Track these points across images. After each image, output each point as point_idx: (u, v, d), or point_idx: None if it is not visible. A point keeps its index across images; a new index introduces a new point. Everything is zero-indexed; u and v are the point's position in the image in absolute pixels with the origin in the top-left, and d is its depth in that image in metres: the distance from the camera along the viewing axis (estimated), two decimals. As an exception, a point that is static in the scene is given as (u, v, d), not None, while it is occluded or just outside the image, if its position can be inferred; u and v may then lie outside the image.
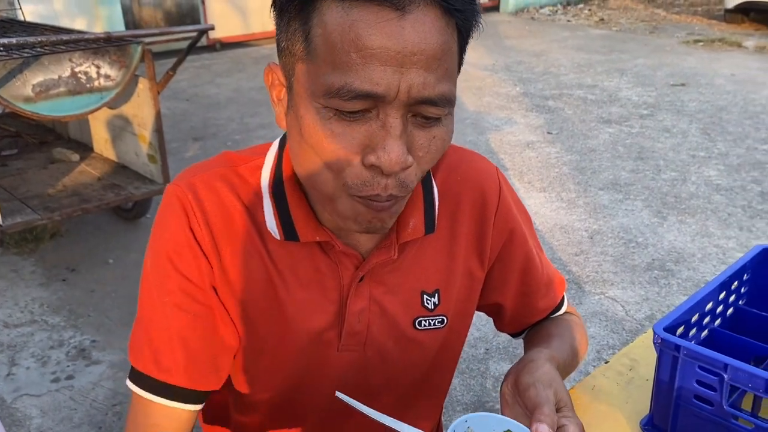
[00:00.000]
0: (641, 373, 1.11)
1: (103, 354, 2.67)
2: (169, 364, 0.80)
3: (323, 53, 0.64)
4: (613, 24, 9.71)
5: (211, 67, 7.24)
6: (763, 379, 0.83)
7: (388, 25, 0.62)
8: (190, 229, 0.79)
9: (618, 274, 3.16)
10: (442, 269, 0.89)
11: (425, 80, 0.64)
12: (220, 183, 0.81)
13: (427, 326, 0.90)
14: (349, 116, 0.65)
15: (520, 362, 0.80)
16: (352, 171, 0.68)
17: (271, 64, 0.75)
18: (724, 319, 1.09)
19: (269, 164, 0.83)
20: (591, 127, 5.22)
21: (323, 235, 0.80)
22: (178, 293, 0.79)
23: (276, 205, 0.81)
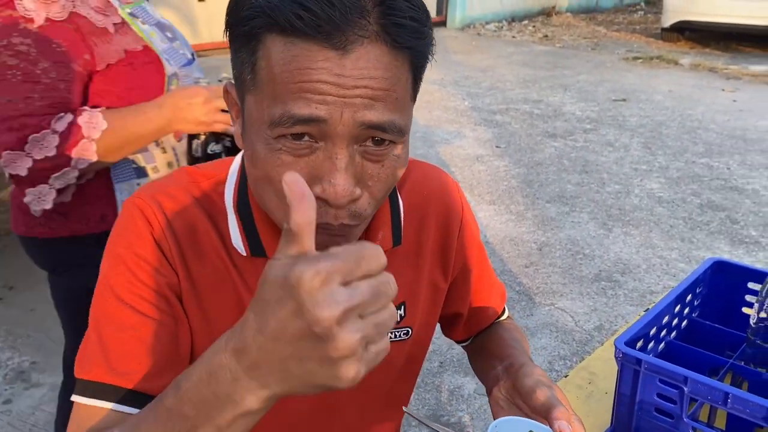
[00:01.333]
0: (600, 387, 1.13)
1: (43, 376, 2.56)
2: (126, 369, 0.76)
3: (266, 86, 0.65)
4: (557, 41, 9.97)
5: (157, 77, 7.09)
6: (721, 391, 0.84)
7: (328, 62, 0.62)
8: (154, 239, 0.76)
9: (567, 285, 3.22)
10: (408, 282, 0.90)
11: (372, 107, 0.64)
12: (184, 196, 0.79)
13: (392, 338, 0.89)
14: (296, 146, 0.65)
15: (509, 369, 0.82)
16: None
17: (227, 85, 0.75)
18: (680, 331, 1.11)
19: (233, 180, 0.81)
20: (537, 141, 5.33)
21: None
22: (138, 300, 0.76)
23: (241, 221, 0.79)
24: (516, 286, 3.22)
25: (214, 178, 0.82)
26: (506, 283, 3.24)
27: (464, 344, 1.09)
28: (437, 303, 0.96)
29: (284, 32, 0.62)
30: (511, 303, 3.07)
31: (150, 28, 1.42)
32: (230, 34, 0.69)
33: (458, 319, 1.03)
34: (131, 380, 0.75)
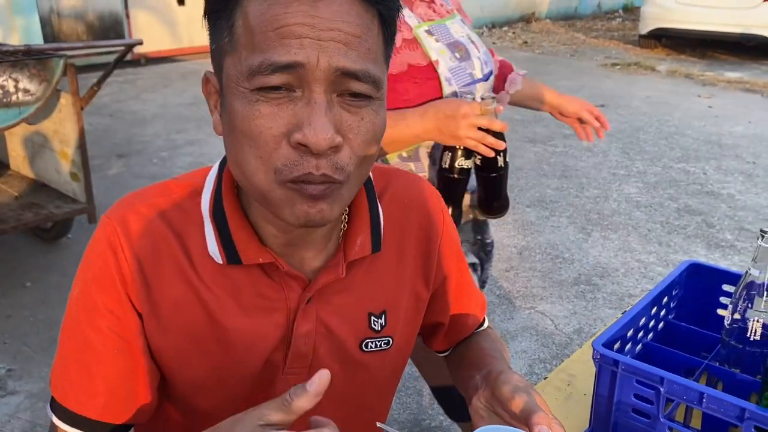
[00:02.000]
0: (579, 388, 1.14)
1: (20, 383, 2.52)
2: (86, 398, 0.79)
3: (244, 40, 0.66)
4: (536, 47, 10.06)
5: (136, 81, 7.04)
6: (697, 391, 0.86)
7: (303, 5, 0.64)
8: (117, 265, 0.78)
9: (546, 289, 3.25)
10: (389, 290, 0.89)
11: (346, 54, 0.65)
12: (151, 213, 0.79)
13: (373, 348, 0.89)
14: (274, 95, 0.66)
15: (487, 377, 0.82)
16: (281, 152, 0.67)
17: (207, 73, 0.76)
18: (656, 332, 1.13)
19: (209, 188, 0.81)
20: (517, 146, 5.37)
21: (266, 256, 0.79)
22: (101, 327, 0.78)
23: (217, 229, 0.79)
24: (496, 290, 3.24)
25: (191, 187, 0.82)
26: (486, 288, 3.26)
27: (444, 354, 1.08)
28: (419, 313, 0.95)
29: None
30: (492, 307, 3.09)
31: (441, 47, 1.45)
32: (208, 9, 0.70)
33: (438, 329, 1.03)
34: (90, 409, 0.79)
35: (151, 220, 0.79)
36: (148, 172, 4.63)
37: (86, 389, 0.79)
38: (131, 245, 0.78)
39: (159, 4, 7.87)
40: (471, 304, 1.03)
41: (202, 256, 0.79)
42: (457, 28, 1.52)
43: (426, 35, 1.44)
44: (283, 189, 0.68)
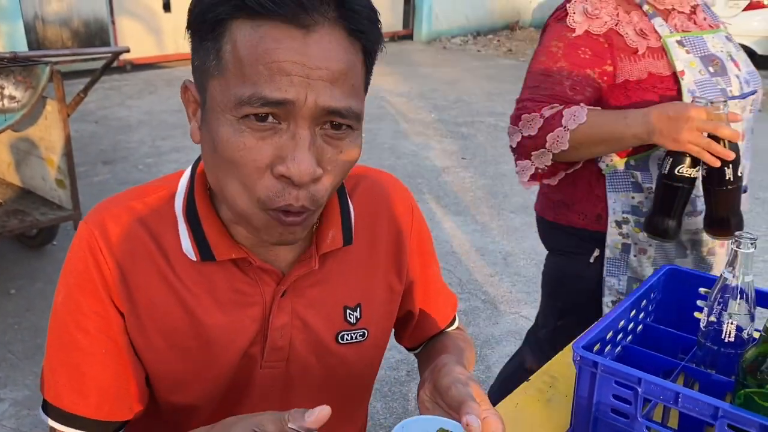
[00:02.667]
0: (561, 390, 1.17)
1: (4, 391, 2.51)
2: (79, 398, 0.82)
3: (233, 67, 0.68)
4: (521, 54, 10.15)
5: (122, 88, 7.02)
6: (673, 391, 0.89)
7: (294, 41, 0.67)
8: (97, 268, 0.81)
9: (531, 294, 3.29)
10: (363, 284, 0.93)
11: (331, 93, 0.69)
12: (128, 217, 0.83)
13: (349, 340, 0.92)
14: (260, 127, 0.69)
15: (433, 369, 0.84)
16: (264, 183, 0.70)
17: (186, 82, 0.78)
18: (635, 335, 1.16)
19: (182, 190, 0.85)
20: (502, 153, 5.42)
21: (239, 252, 0.82)
22: (87, 329, 0.81)
23: (190, 227, 0.82)
24: (482, 295, 3.28)
25: (165, 190, 0.85)
26: (471, 293, 3.30)
27: (415, 352, 1.12)
28: (393, 304, 0.98)
29: (252, 15, 0.67)
30: (477, 312, 3.12)
31: (692, 58, 1.43)
32: (193, 26, 0.72)
33: (408, 324, 1.06)
34: (81, 407, 0.82)
35: (128, 223, 0.82)
36: (133, 179, 4.63)
37: (78, 389, 0.82)
38: (110, 248, 0.81)
39: (144, 11, 7.86)
40: (439, 302, 1.06)
41: (177, 256, 0.82)
42: (717, 43, 1.49)
43: (675, 45, 1.43)
44: (264, 215, 0.73)
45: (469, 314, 3.10)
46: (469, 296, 3.26)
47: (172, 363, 0.84)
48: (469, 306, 3.17)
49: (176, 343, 0.84)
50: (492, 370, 2.71)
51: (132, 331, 0.83)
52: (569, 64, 1.45)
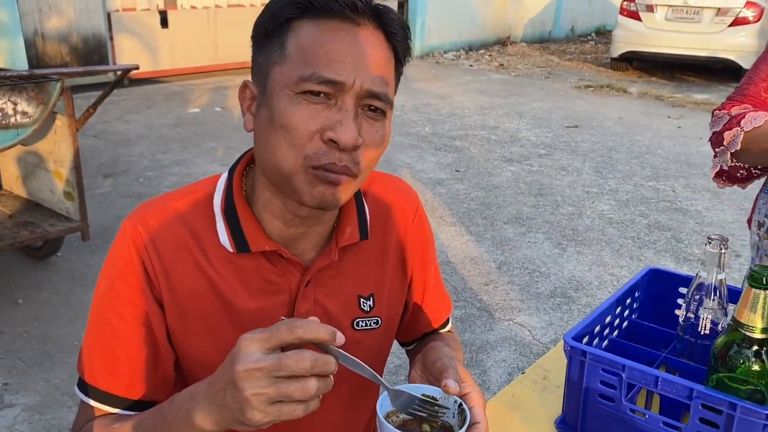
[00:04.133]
0: (553, 381, 1.27)
1: (16, 397, 2.59)
2: (112, 377, 0.92)
3: (296, 55, 0.83)
4: (512, 69, 10.31)
5: (120, 103, 7.12)
6: (652, 375, 0.99)
7: (348, 34, 0.83)
8: (140, 261, 0.91)
9: (524, 302, 3.39)
10: (375, 275, 1.04)
11: (373, 77, 0.84)
12: (168, 214, 0.93)
13: (364, 327, 1.03)
14: (314, 100, 0.82)
15: (423, 351, 0.95)
16: (313, 144, 0.83)
17: (246, 81, 0.91)
18: (621, 330, 1.27)
19: (220, 190, 0.96)
20: (495, 165, 5.55)
21: (271, 245, 0.93)
22: (125, 316, 0.91)
23: (227, 222, 0.93)
24: (477, 302, 3.38)
25: (202, 191, 0.96)
26: (467, 300, 3.40)
27: (407, 348, 1.21)
28: (402, 295, 1.09)
29: (314, 16, 0.83)
30: (472, 319, 3.22)
31: None
32: (260, 28, 0.87)
33: (403, 317, 1.14)
34: (117, 387, 0.92)
35: (168, 220, 0.93)
36: (134, 192, 4.72)
37: (112, 370, 0.92)
38: (153, 242, 0.91)
39: (142, 28, 7.97)
40: (435, 301, 1.16)
41: (214, 248, 0.93)
42: None
43: None
44: (308, 173, 0.84)
45: (465, 321, 3.20)
46: (465, 304, 3.36)
47: (209, 346, 0.94)
48: (465, 313, 3.27)
49: (212, 328, 0.94)
50: (488, 374, 2.81)
51: (173, 319, 0.93)
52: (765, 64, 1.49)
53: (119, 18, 7.76)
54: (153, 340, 0.92)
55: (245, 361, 0.70)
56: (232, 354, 0.73)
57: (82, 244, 3.67)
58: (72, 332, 3.01)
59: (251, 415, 0.70)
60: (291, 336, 0.71)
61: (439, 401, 0.85)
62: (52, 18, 7.19)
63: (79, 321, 3.09)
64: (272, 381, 0.69)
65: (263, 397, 0.70)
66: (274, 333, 0.71)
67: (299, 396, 0.70)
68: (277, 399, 0.70)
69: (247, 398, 0.70)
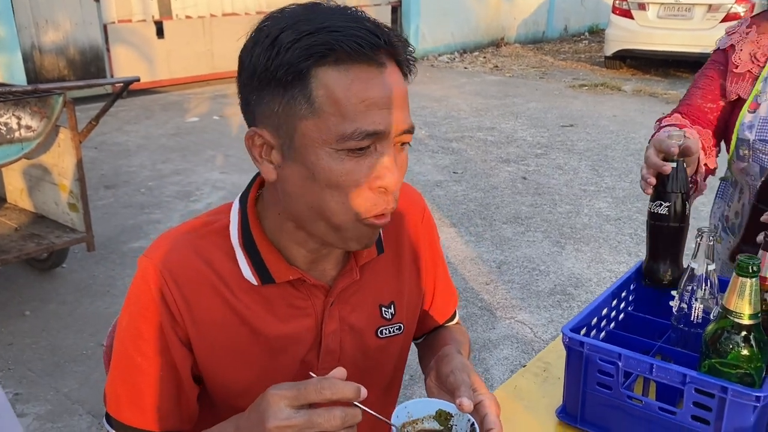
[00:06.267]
0: (554, 374, 1.32)
1: (27, 406, 2.63)
2: (137, 412, 0.94)
3: (329, 108, 0.80)
4: (507, 70, 10.37)
5: (118, 114, 7.16)
6: (647, 363, 1.04)
7: (377, 79, 0.82)
8: (161, 298, 0.91)
9: (525, 300, 3.44)
10: (393, 283, 1.07)
11: (404, 116, 0.85)
12: (186, 250, 0.93)
13: (388, 334, 1.07)
14: (357, 153, 0.83)
15: (437, 359, 0.98)
16: (364, 196, 0.85)
17: (254, 130, 0.87)
18: (617, 322, 1.31)
19: (235, 221, 0.96)
20: (492, 166, 5.60)
21: (295, 273, 0.95)
22: (147, 353, 0.93)
23: (249, 256, 0.94)
24: (478, 302, 3.43)
25: (217, 223, 0.97)
26: (469, 300, 3.44)
27: (417, 341, 1.25)
28: (419, 298, 1.13)
29: (338, 62, 0.80)
30: (474, 318, 3.27)
31: None
32: (269, 74, 0.81)
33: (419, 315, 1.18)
34: (143, 422, 0.94)
35: (187, 255, 0.93)
36: (136, 202, 4.76)
37: (137, 405, 0.94)
38: (174, 279, 0.91)
39: (138, 39, 8.03)
40: (444, 297, 1.20)
41: (237, 280, 0.95)
42: None
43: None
44: (359, 225, 0.87)
45: (467, 320, 3.25)
46: (467, 303, 3.41)
47: (239, 373, 0.97)
48: (467, 312, 3.32)
49: (242, 355, 0.96)
50: (491, 372, 2.86)
51: (202, 353, 0.95)
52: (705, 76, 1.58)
53: (115, 29, 7.82)
54: (176, 375, 0.94)
55: (276, 418, 0.74)
56: (261, 408, 0.76)
57: (87, 255, 3.72)
58: (80, 342, 3.05)
59: None
60: (319, 397, 0.75)
61: (453, 417, 0.89)
62: (49, 31, 7.24)
63: (86, 331, 3.13)
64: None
65: None
66: (302, 392, 0.75)
67: None
68: None
69: None
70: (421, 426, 0.89)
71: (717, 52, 1.58)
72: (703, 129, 1.57)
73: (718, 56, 1.57)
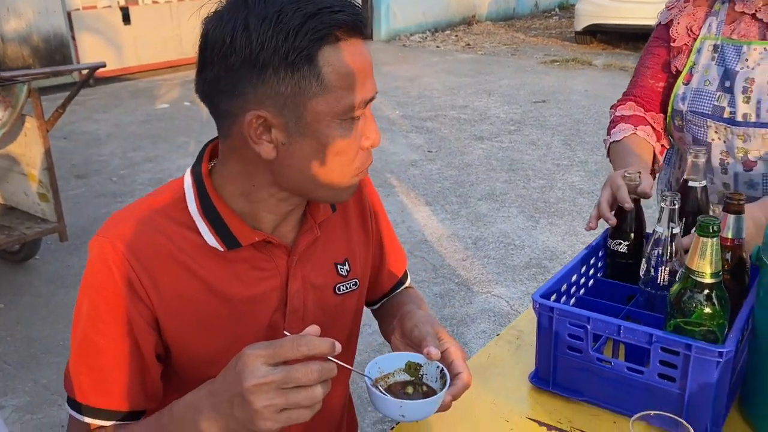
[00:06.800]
0: (527, 341, 1.34)
1: (5, 399, 2.61)
2: (102, 394, 0.93)
3: (337, 83, 0.86)
4: (479, 48, 10.38)
5: (87, 102, 7.05)
6: (615, 325, 1.07)
7: (364, 50, 0.90)
8: (122, 276, 0.91)
9: (501, 274, 3.48)
10: (345, 241, 1.11)
11: (374, 81, 0.93)
12: (143, 226, 0.93)
13: (345, 290, 1.10)
14: (355, 120, 0.90)
15: (399, 317, 1.03)
16: (360, 156, 0.93)
17: (256, 113, 0.86)
18: (587, 289, 1.34)
19: (191, 193, 0.97)
20: (466, 144, 5.62)
21: (260, 235, 0.97)
22: (108, 333, 0.92)
23: (210, 223, 0.95)
24: (455, 278, 3.46)
25: (170, 198, 0.97)
26: (446, 276, 3.48)
27: (373, 308, 1.28)
28: (368, 255, 1.16)
29: (339, 40, 0.86)
30: (451, 294, 3.30)
31: (710, 66, 1.47)
32: (279, 63, 0.83)
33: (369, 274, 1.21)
34: (108, 402, 0.94)
35: (146, 232, 0.93)
36: (108, 191, 4.71)
37: (103, 387, 0.93)
38: (134, 255, 0.91)
39: (104, 25, 7.87)
40: (394, 255, 1.24)
41: (200, 250, 0.95)
42: (760, 58, 1.41)
43: (707, 49, 1.47)
44: (355, 180, 0.95)
45: (445, 296, 3.28)
46: (444, 280, 3.44)
47: (208, 342, 0.97)
48: (444, 289, 3.35)
49: (210, 325, 0.97)
50: (469, 346, 2.89)
51: (169, 328, 0.95)
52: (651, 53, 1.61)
53: (80, 16, 7.66)
54: (139, 353, 0.94)
55: (253, 377, 0.75)
56: (237, 368, 0.78)
57: (60, 246, 3.67)
58: (56, 333, 3.03)
59: (262, 425, 0.77)
60: (296, 354, 0.77)
61: (423, 366, 0.93)
62: (11, 20, 7.07)
63: (62, 322, 3.10)
64: (281, 392, 0.76)
65: (273, 408, 0.76)
66: (278, 350, 0.77)
67: (307, 403, 0.77)
68: (286, 407, 0.76)
69: (257, 410, 0.76)
70: (393, 379, 0.92)
71: (659, 28, 1.60)
72: (657, 114, 1.62)
73: (661, 32, 1.59)
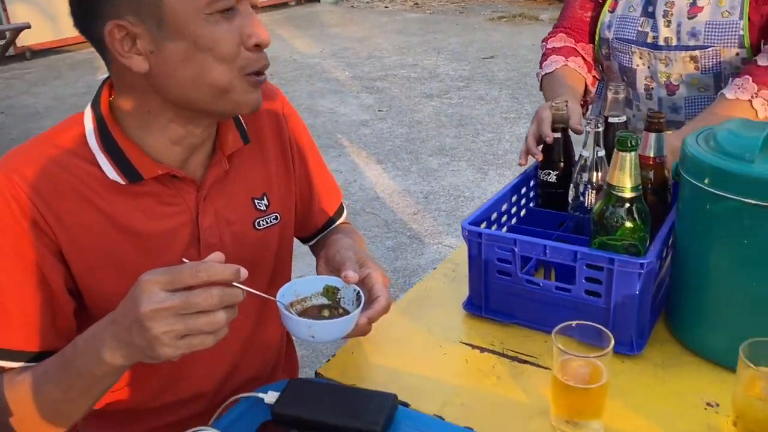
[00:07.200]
0: (461, 273, 1.35)
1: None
2: (6, 333, 0.89)
3: None
4: (427, 7, 10.29)
5: (24, 76, 6.79)
6: (541, 245, 1.08)
7: None
8: (22, 210, 0.87)
9: (451, 225, 3.51)
10: (262, 175, 1.08)
11: None
12: (43, 160, 0.89)
13: (265, 225, 1.08)
14: (228, 15, 0.86)
15: (326, 246, 1.04)
16: (243, 55, 0.88)
17: (116, 23, 0.85)
18: (519, 218, 1.35)
19: (90, 127, 0.93)
20: (416, 102, 5.61)
21: (163, 168, 0.94)
22: (9, 269, 0.88)
23: (111, 156, 0.92)
24: (407, 231, 3.48)
25: (70, 131, 0.93)
26: (398, 230, 3.49)
27: (309, 244, 1.27)
28: (291, 190, 1.14)
29: None
30: (403, 247, 3.32)
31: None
32: None
33: (298, 209, 1.18)
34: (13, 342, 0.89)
35: (44, 165, 0.89)
36: (50, 164, 4.56)
37: (7, 326, 0.89)
38: (34, 189, 0.88)
39: (38, -5, 7.55)
40: (326, 189, 1.22)
41: (101, 183, 0.92)
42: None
43: None
44: (245, 81, 0.89)
45: (397, 250, 3.30)
46: (396, 234, 3.45)
47: (117, 280, 0.92)
48: (396, 243, 3.36)
49: (118, 261, 0.94)
50: (421, 296, 2.92)
51: (75, 261, 0.92)
52: None
53: (11, -14, 7.33)
54: (47, 289, 0.90)
55: (150, 302, 0.72)
56: (134, 294, 0.74)
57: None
58: None
59: (162, 351, 0.73)
60: (195, 280, 0.73)
61: (340, 290, 0.93)
62: (-64, -9, 6.72)
63: None
64: (180, 318, 0.72)
65: (172, 334, 0.73)
66: (176, 276, 0.73)
67: (209, 329, 0.73)
68: (187, 333, 0.73)
69: (156, 336, 0.72)
70: (309, 303, 0.92)
71: None
72: (587, 44, 1.64)
73: None
